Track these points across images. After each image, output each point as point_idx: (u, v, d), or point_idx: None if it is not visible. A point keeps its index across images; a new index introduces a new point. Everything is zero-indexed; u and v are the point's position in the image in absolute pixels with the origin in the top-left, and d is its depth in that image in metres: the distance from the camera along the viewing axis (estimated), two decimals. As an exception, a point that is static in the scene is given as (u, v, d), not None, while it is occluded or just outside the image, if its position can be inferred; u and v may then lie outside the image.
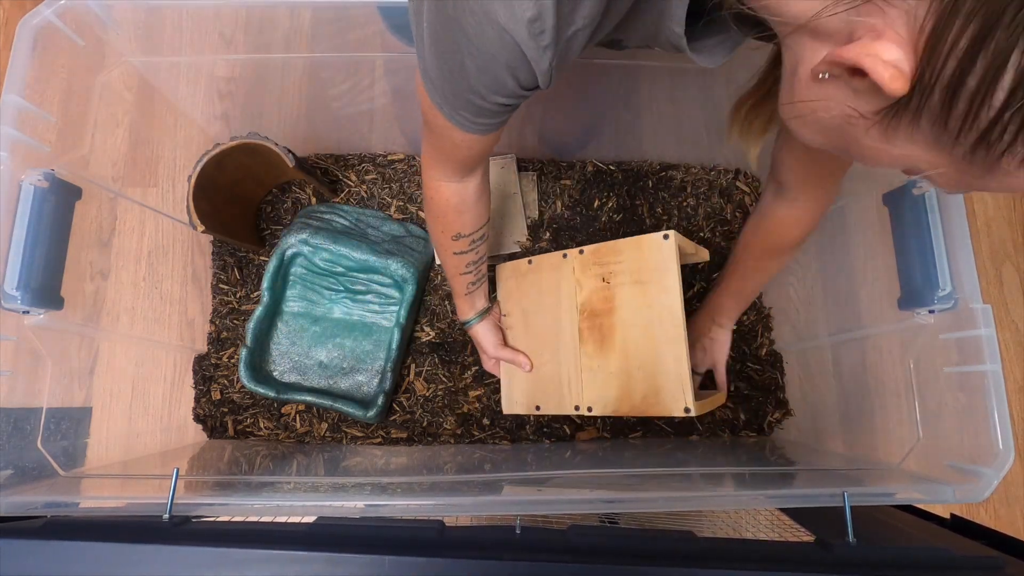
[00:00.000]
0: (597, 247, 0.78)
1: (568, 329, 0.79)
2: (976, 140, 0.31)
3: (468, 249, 0.75)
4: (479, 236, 0.74)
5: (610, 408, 0.75)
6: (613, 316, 0.75)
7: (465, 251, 0.75)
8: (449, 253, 0.75)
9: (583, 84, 0.85)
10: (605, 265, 0.76)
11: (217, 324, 0.97)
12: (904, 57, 0.31)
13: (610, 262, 0.76)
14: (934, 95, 0.31)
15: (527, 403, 0.83)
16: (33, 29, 0.61)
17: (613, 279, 0.75)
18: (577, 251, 0.79)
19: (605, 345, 0.76)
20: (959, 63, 0.29)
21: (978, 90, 0.29)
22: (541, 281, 0.83)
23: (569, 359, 0.79)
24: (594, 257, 0.78)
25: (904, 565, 0.43)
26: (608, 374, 0.75)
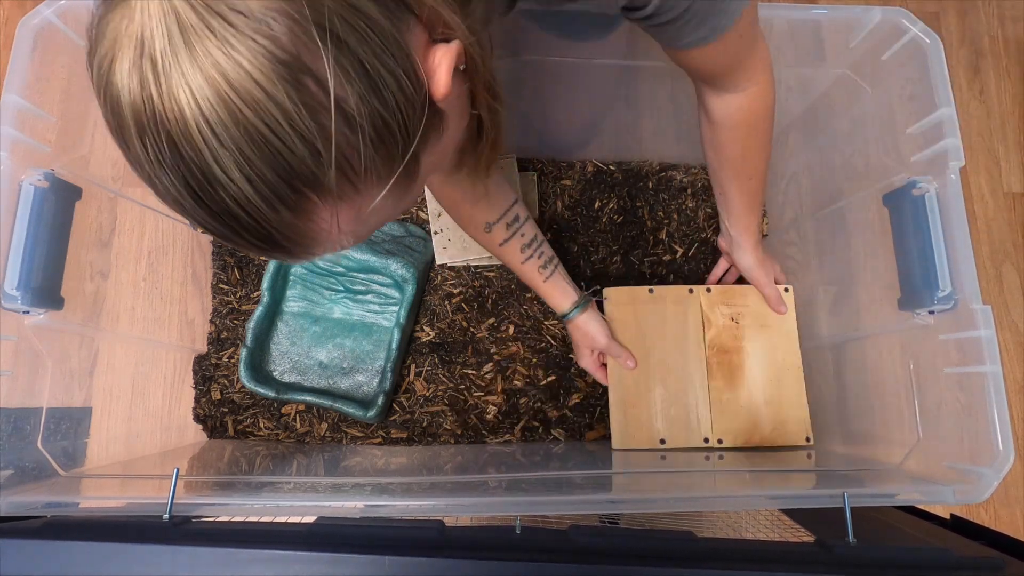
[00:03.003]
0: (724, 288, 0.87)
1: (695, 362, 0.84)
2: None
3: (510, 235, 0.75)
4: (513, 218, 0.74)
5: (741, 440, 0.81)
6: (742, 354, 0.84)
7: (509, 238, 0.75)
8: (496, 247, 0.75)
9: (583, 84, 0.85)
10: (733, 306, 0.86)
11: (217, 324, 0.97)
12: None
13: (738, 304, 0.86)
14: None
15: (649, 438, 0.81)
16: (33, 29, 0.61)
17: (741, 320, 0.85)
18: (704, 289, 0.86)
19: (734, 380, 0.83)
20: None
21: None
22: (664, 312, 0.85)
23: (697, 392, 0.83)
24: (722, 297, 0.86)
25: (904, 565, 0.43)
26: (739, 407, 0.82)
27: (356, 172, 0.31)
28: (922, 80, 0.62)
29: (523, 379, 0.94)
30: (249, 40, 0.27)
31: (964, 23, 1.21)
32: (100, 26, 0.29)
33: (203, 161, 0.28)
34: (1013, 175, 1.15)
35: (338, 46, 0.28)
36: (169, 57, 0.27)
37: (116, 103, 0.28)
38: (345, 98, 0.29)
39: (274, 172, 0.29)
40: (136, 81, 0.27)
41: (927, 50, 0.63)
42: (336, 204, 0.32)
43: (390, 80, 0.31)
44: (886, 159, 0.69)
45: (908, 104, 0.66)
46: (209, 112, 0.27)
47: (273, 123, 0.28)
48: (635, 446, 0.82)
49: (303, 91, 0.28)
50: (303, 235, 0.32)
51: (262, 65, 0.27)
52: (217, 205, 0.30)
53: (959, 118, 0.60)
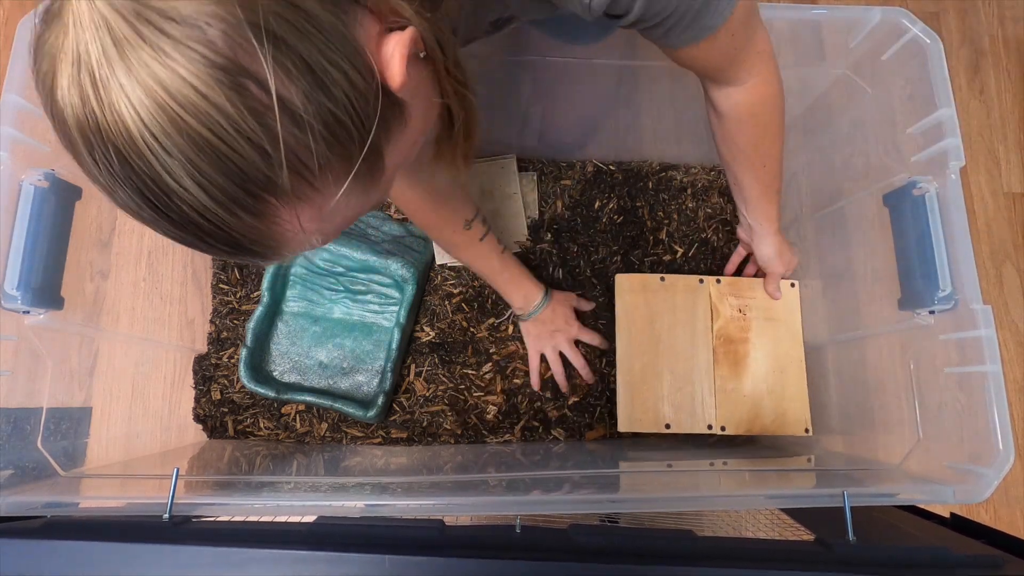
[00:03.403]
0: (733, 280, 0.89)
1: (703, 351, 0.86)
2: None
3: (487, 229, 0.77)
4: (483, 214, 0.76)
5: (743, 428, 0.83)
6: (748, 344, 0.86)
7: (487, 232, 0.77)
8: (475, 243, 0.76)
9: (583, 84, 0.85)
10: (741, 298, 0.88)
11: (217, 324, 0.97)
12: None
13: (746, 296, 0.88)
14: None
15: (655, 421, 0.84)
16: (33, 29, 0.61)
17: (749, 312, 0.87)
18: (714, 280, 0.88)
19: (739, 369, 0.85)
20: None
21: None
22: (674, 300, 0.88)
23: (703, 379, 0.85)
24: (731, 289, 0.89)
25: (904, 564, 0.43)
26: (742, 396, 0.85)
27: (311, 171, 0.30)
28: (922, 80, 0.62)
29: (523, 378, 0.94)
30: (183, 47, 0.26)
31: (964, 23, 1.21)
32: (40, 44, 0.28)
33: (153, 172, 0.28)
34: (1013, 175, 1.15)
35: (276, 45, 0.28)
36: (106, 69, 0.26)
37: (62, 120, 0.28)
38: (289, 98, 0.28)
39: (226, 178, 0.28)
40: (77, 97, 0.27)
41: (927, 50, 0.63)
42: (295, 204, 0.31)
43: (337, 75, 0.30)
44: (886, 159, 0.69)
45: (908, 104, 0.66)
46: (151, 123, 0.27)
47: (217, 128, 0.27)
48: (640, 429, 0.84)
49: (244, 94, 0.27)
50: (268, 238, 0.32)
51: (199, 71, 0.26)
52: (176, 214, 0.29)
53: (959, 118, 0.60)
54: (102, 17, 0.26)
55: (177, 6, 0.26)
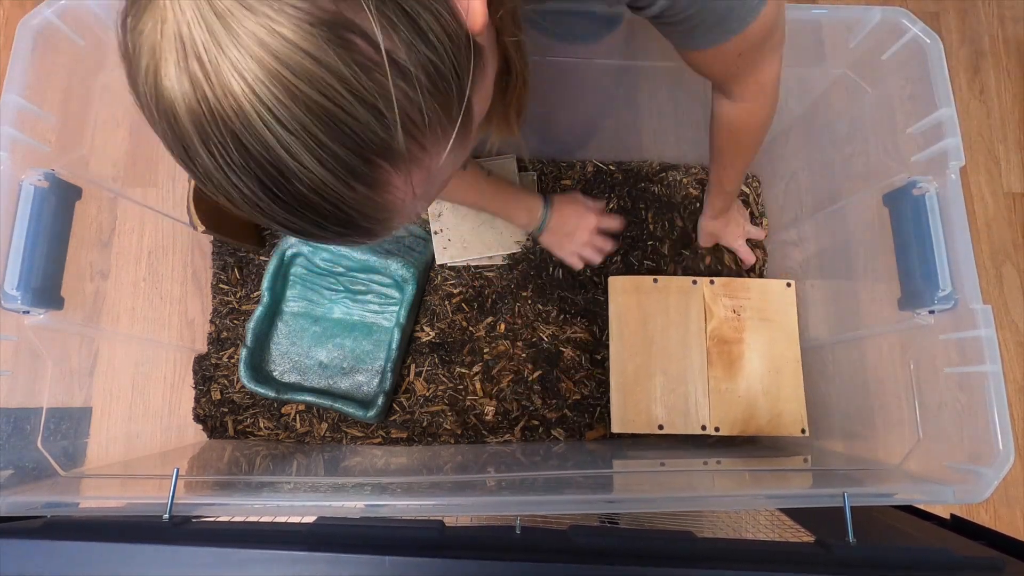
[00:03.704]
0: (727, 281, 0.89)
1: (696, 351, 0.86)
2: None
3: (466, 162, 0.79)
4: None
5: (737, 428, 0.83)
6: (742, 345, 0.86)
7: (464, 164, 0.78)
8: (459, 173, 0.75)
9: (583, 84, 0.85)
10: (735, 299, 0.87)
11: (217, 324, 0.97)
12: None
13: (740, 296, 0.88)
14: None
15: (648, 422, 0.84)
16: (33, 29, 0.61)
17: (743, 312, 0.87)
18: (708, 280, 0.88)
19: (733, 370, 0.85)
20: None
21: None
22: (668, 301, 0.88)
23: (697, 380, 0.85)
24: (725, 289, 0.88)
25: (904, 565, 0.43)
26: (736, 397, 0.84)
27: (421, 129, 0.30)
28: (922, 80, 0.62)
29: (523, 378, 0.94)
30: (287, 8, 0.25)
31: (964, 23, 1.21)
32: (132, 42, 0.28)
33: (271, 152, 0.27)
34: (1013, 175, 1.15)
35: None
36: (213, 48, 0.25)
37: (172, 114, 0.27)
38: (395, 50, 0.28)
39: (344, 147, 0.28)
40: (188, 83, 0.26)
41: (927, 50, 0.63)
42: (409, 168, 0.31)
43: (432, 22, 0.29)
44: (886, 159, 0.69)
45: (908, 104, 0.66)
46: (266, 96, 0.26)
47: (331, 92, 0.26)
48: (633, 430, 0.84)
49: (353, 50, 0.27)
50: (382, 209, 0.31)
51: (306, 31, 0.26)
52: (294, 198, 0.29)
53: (959, 118, 0.60)
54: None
55: None
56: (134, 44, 0.27)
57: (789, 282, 0.88)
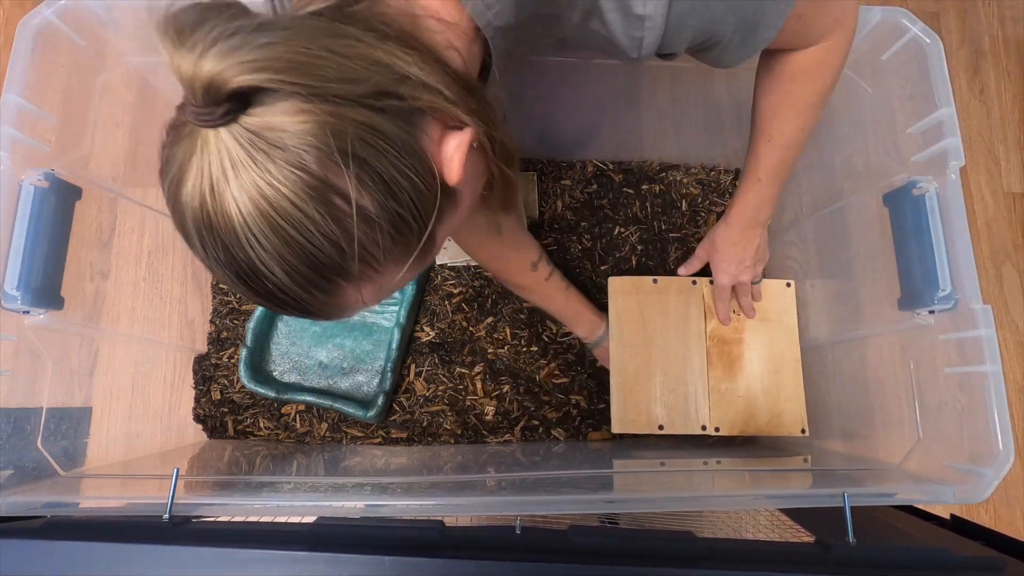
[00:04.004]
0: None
1: (696, 352, 0.86)
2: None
3: (552, 268, 0.83)
4: (545, 252, 0.82)
5: (737, 428, 0.83)
6: (742, 345, 0.86)
7: (552, 271, 0.83)
8: (542, 282, 0.82)
9: (583, 84, 0.85)
10: (735, 299, 0.86)
11: (217, 324, 0.97)
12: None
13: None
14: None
15: (648, 423, 0.84)
16: (33, 29, 0.61)
17: (743, 312, 0.86)
18: (708, 281, 0.87)
19: (733, 370, 0.85)
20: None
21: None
22: (667, 302, 0.87)
23: (697, 380, 0.85)
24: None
25: (904, 566, 0.43)
26: (736, 397, 0.84)
27: (377, 260, 0.37)
28: (922, 80, 0.62)
29: (524, 378, 0.94)
30: (285, 169, 0.32)
31: (964, 23, 1.21)
32: (170, 153, 0.35)
33: (250, 261, 0.34)
34: (1013, 175, 1.15)
35: (359, 164, 0.34)
36: (223, 183, 0.33)
37: (182, 213, 0.35)
38: (365, 205, 0.34)
39: (307, 267, 0.35)
40: (197, 200, 0.33)
41: (927, 50, 0.62)
42: (360, 284, 0.37)
43: (404, 183, 0.36)
44: (886, 159, 0.69)
45: (908, 104, 0.66)
46: (253, 225, 0.33)
47: (306, 232, 0.33)
48: (634, 431, 0.84)
49: (330, 205, 0.33)
50: (333, 307, 0.39)
51: (296, 188, 0.33)
52: (262, 289, 0.36)
53: (959, 118, 0.60)
54: (224, 145, 0.32)
55: (283, 137, 0.32)
56: (170, 155, 0.35)
57: (789, 282, 0.88)
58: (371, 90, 0.34)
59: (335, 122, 0.33)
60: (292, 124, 0.32)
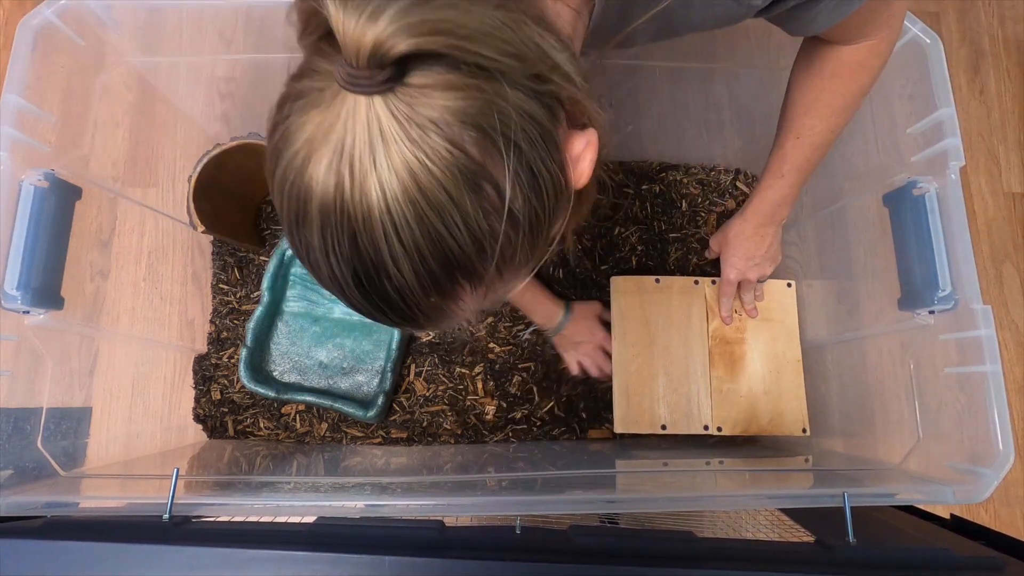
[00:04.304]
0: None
1: (699, 352, 0.86)
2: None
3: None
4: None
5: (739, 428, 0.84)
6: (744, 345, 0.86)
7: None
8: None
9: (583, 84, 0.85)
10: (737, 299, 0.86)
11: (217, 324, 0.97)
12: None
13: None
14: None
15: (650, 422, 0.85)
16: (33, 29, 0.61)
17: (744, 312, 0.87)
18: (710, 281, 0.88)
19: (735, 370, 0.85)
20: None
21: None
22: (670, 302, 0.88)
23: (699, 380, 0.85)
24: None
25: (904, 566, 0.43)
26: (738, 396, 0.85)
27: (509, 264, 0.33)
28: (922, 80, 0.62)
29: (524, 378, 0.94)
30: (443, 150, 0.28)
31: (964, 23, 1.21)
32: (296, 122, 0.30)
33: (378, 255, 0.30)
34: (1013, 175, 1.15)
35: (518, 155, 0.30)
36: (368, 161, 0.28)
37: (305, 198, 0.30)
38: (514, 200, 0.31)
39: (440, 265, 0.31)
40: (332, 180, 0.29)
41: (927, 50, 0.62)
42: (484, 289, 0.34)
43: (548, 179, 0.33)
44: (886, 159, 0.69)
45: (908, 104, 0.66)
46: (397, 213, 0.29)
47: (452, 225, 0.30)
48: (636, 430, 0.85)
49: (483, 197, 0.30)
50: (444, 314, 0.34)
51: (452, 173, 0.29)
52: (377, 292, 0.32)
53: (959, 118, 0.60)
54: (376, 116, 0.28)
55: (444, 116, 0.28)
56: (290, 129, 0.30)
57: (789, 282, 0.88)
58: (531, 71, 0.31)
59: (501, 103, 0.29)
60: (456, 99, 0.29)
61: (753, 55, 0.80)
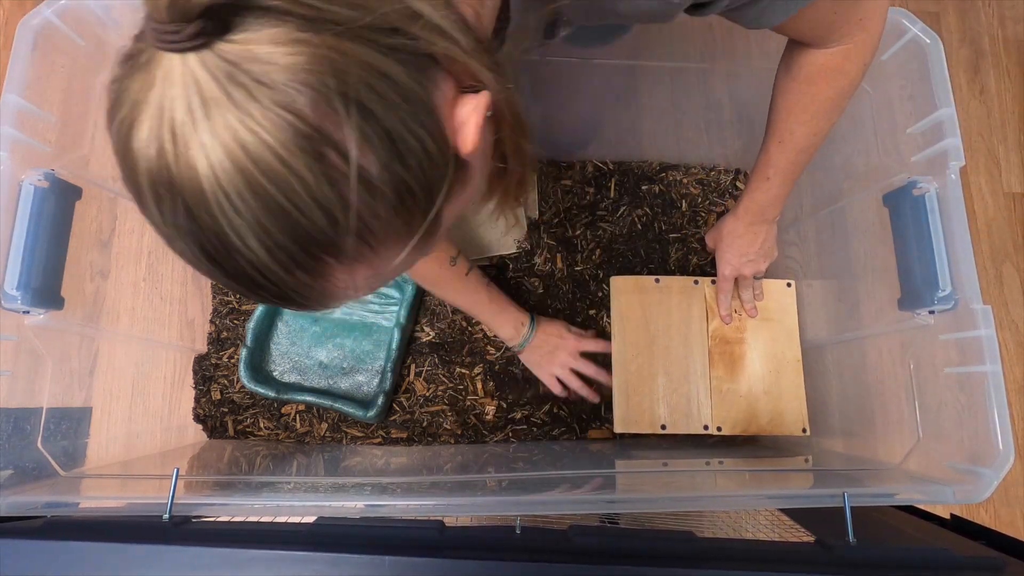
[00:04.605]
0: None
1: (698, 351, 0.86)
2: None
3: (470, 264, 0.79)
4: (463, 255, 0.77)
5: (739, 428, 0.84)
6: (744, 345, 0.86)
7: (471, 267, 0.79)
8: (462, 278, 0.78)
9: (583, 84, 0.85)
10: (737, 299, 0.87)
11: (217, 324, 0.97)
12: None
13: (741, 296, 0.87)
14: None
15: (650, 422, 0.85)
16: (33, 29, 0.61)
17: (744, 312, 0.87)
18: (709, 280, 0.88)
19: (735, 370, 0.85)
20: None
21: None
22: (670, 301, 0.88)
23: (699, 380, 0.85)
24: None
25: (904, 566, 0.43)
26: (738, 396, 0.85)
27: (375, 235, 0.31)
28: (922, 80, 0.62)
29: (525, 378, 0.94)
30: (271, 113, 0.26)
31: (964, 23, 1.21)
32: (121, 87, 0.28)
33: (219, 229, 0.28)
34: (1013, 175, 1.15)
35: (363, 115, 0.28)
36: (188, 127, 0.26)
37: (132, 167, 0.28)
38: (367, 167, 0.28)
39: (291, 240, 0.28)
40: (154, 149, 0.27)
41: (927, 50, 0.62)
42: (353, 265, 0.31)
43: (414, 144, 0.30)
44: (886, 159, 0.69)
45: (908, 104, 0.66)
46: (227, 182, 0.27)
47: (291, 193, 0.27)
48: (636, 430, 0.85)
49: (324, 162, 0.27)
50: (319, 293, 0.32)
51: (284, 138, 0.26)
52: (234, 269, 0.30)
53: (959, 118, 0.60)
54: (193, 76, 0.26)
55: (270, 71, 0.26)
56: (120, 91, 0.28)
57: (789, 282, 0.89)
58: (379, 23, 0.28)
59: (337, 58, 0.27)
60: (283, 56, 0.26)
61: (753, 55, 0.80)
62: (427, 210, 0.32)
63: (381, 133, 0.28)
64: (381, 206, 0.30)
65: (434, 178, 0.32)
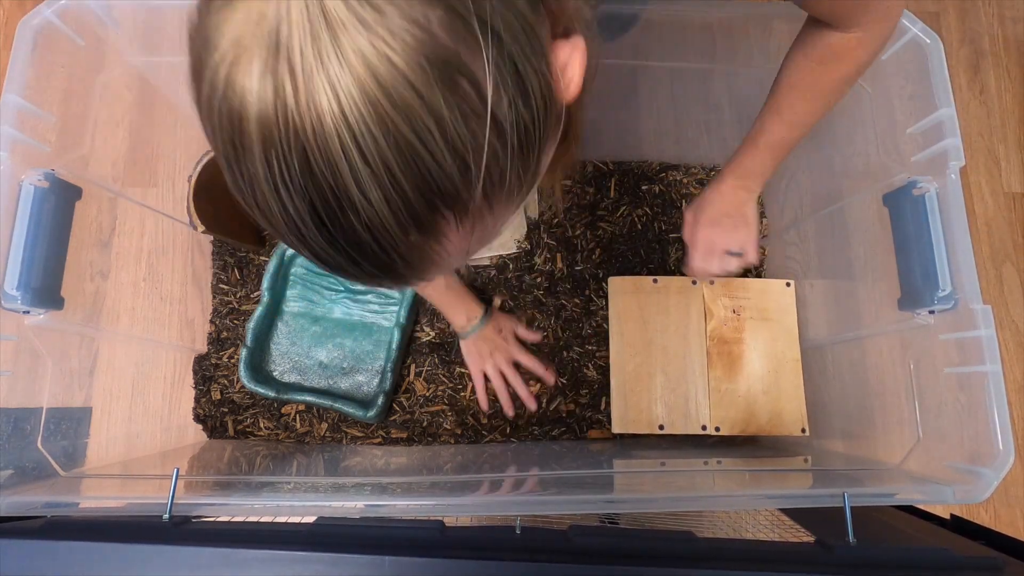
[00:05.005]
0: (727, 281, 0.89)
1: (696, 352, 0.86)
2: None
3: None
4: None
5: (738, 428, 0.84)
6: (742, 345, 0.86)
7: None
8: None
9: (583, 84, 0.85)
10: (735, 299, 0.88)
11: (217, 324, 0.97)
12: None
13: (739, 296, 0.88)
14: None
15: (648, 422, 0.85)
16: (33, 29, 0.61)
17: (743, 312, 0.88)
18: (708, 280, 0.88)
19: (734, 370, 0.86)
20: None
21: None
22: (668, 302, 0.88)
23: (697, 380, 0.85)
24: (724, 290, 0.89)
25: (904, 566, 0.43)
26: (736, 397, 0.85)
27: (498, 189, 0.27)
28: (922, 80, 0.62)
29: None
30: (405, 33, 0.23)
31: (964, 23, 1.21)
32: (211, 25, 0.24)
33: (338, 179, 0.24)
34: (1013, 175, 1.15)
35: (497, 44, 0.25)
36: (311, 59, 0.23)
37: (237, 115, 0.24)
38: (499, 105, 0.25)
39: (417, 191, 0.25)
40: (269, 88, 0.23)
41: (927, 50, 0.62)
42: (471, 224, 0.28)
43: (535, 83, 0.27)
44: (886, 159, 0.69)
45: (908, 104, 0.66)
46: (355, 120, 0.23)
47: (425, 134, 0.24)
48: (634, 430, 0.85)
49: (460, 95, 0.24)
50: (426, 259, 0.29)
51: (418, 64, 0.23)
52: (343, 232, 0.26)
53: (959, 118, 0.60)
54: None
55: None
56: (210, 33, 0.24)
57: (789, 282, 0.89)
58: None
59: None
60: None
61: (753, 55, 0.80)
62: (538, 161, 0.29)
63: (511, 67, 0.26)
64: (507, 154, 0.27)
65: (548, 125, 0.29)
